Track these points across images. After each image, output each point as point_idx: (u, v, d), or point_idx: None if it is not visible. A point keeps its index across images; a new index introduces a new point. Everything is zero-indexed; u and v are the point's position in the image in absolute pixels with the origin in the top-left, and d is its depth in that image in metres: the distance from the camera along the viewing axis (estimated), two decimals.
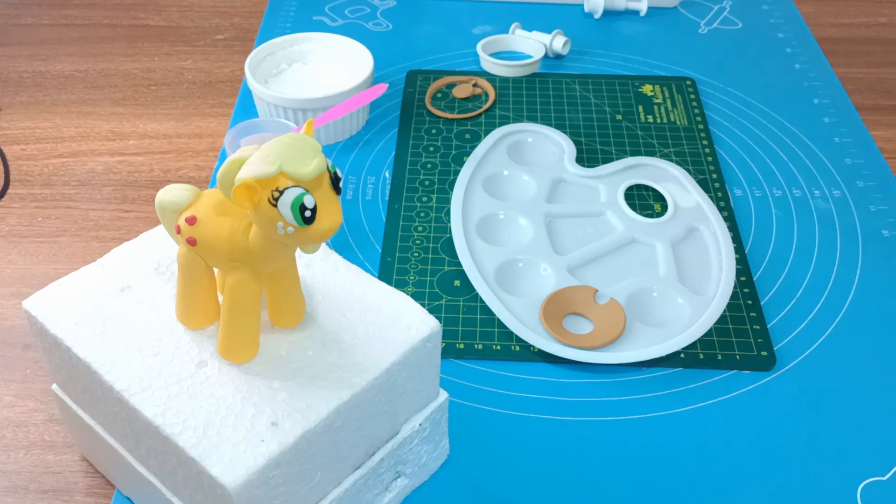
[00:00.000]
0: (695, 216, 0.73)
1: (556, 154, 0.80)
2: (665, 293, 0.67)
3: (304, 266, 0.52)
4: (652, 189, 0.76)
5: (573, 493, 0.55)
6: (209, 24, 1.01)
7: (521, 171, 0.77)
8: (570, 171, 0.78)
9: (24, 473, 0.57)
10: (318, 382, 0.46)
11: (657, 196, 0.76)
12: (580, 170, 0.78)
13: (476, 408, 0.60)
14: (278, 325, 0.49)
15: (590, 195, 0.76)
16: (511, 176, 0.77)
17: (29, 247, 0.73)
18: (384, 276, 0.69)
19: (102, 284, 0.50)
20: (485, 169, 0.78)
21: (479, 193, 0.75)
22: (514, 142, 0.81)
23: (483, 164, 0.78)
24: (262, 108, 0.82)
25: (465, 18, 1.00)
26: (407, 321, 0.49)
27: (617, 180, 0.77)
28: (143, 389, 0.45)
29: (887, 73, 0.95)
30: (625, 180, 0.77)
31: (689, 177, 0.77)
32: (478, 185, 0.76)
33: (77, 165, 0.81)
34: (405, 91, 0.89)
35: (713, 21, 1.01)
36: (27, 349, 0.64)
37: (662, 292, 0.67)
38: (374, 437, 0.50)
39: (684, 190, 0.76)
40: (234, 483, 0.41)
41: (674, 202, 0.74)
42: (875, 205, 0.76)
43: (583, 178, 0.77)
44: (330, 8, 1.02)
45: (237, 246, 0.44)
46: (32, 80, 0.91)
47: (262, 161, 0.40)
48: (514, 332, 0.64)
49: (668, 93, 0.89)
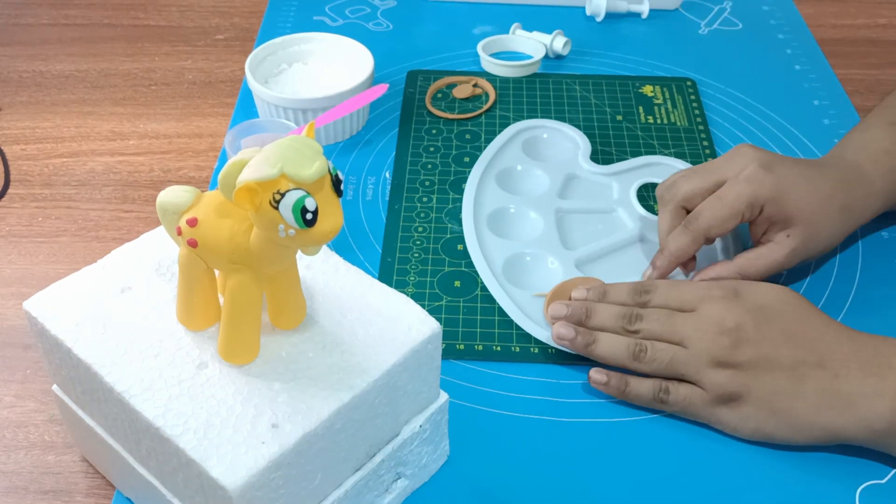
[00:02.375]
0: None
1: (571, 150, 0.80)
2: None
3: (304, 267, 0.52)
4: None
5: (573, 493, 0.55)
6: (209, 24, 1.01)
7: (535, 166, 0.78)
8: (585, 167, 0.78)
9: (25, 474, 0.57)
10: (318, 384, 0.46)
11: None
12: (594, 167, 0.78)
13: (476, 409, 0.60)
14: (279, 326, 0.49)
15: (602, 192, 0.76)
16: (524, 171, 0.78)
17: (29, 247, 0.73)
18: (384, 277, 0.69)
19: (103, 285, 0.51)
20: (499, 163, 0.78)
21: (492, 187, 0.76)
22: (529, 137, 0.81)
23: (497, 159, 0.79)
24: (262, 108, 0.82)
25: (465, 19, 1.00)
26: (407, 322, 0.49)
27: (630, 178, 0.77)
28: (143, 391, 0.45)
29: (887, 74, 0.95)
30: (638, 178, 0.77)
31: None
32: (491, 179, 0.76)
33: (77, 165, 0.81)
34: (405, 91, 0.89)
35: (713, 22, 1.01)
36: (27, 349, 0.64)
37: None
38: (375, 439, 0.50)
39: None
40: (235, 485, 0.42)
41: None
42: None
43: (596, 175, 0.77)
44: (330, 8, 1.02)
45: (238, 248, 0.44)
46: (32, 80, 0.91)
47: (264, 163, 0.40)
48: (514, 328, 0.65)
49: (668, 93, 0.89)
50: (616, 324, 0.60)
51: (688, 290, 0.60)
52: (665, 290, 0.61)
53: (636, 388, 0.59)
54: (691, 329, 0.58)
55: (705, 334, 0.57)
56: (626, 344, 0.59)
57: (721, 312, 0.58)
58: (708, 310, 0.58)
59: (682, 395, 0.58)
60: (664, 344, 0.58)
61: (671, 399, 0.58)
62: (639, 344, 0.59)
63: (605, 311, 0.61)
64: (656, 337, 0.59)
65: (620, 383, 0.59)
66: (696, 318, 0.58)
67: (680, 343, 0.58)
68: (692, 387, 0.58)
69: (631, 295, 0.62)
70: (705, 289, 0.60)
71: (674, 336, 0.58)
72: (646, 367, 0.58)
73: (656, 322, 0.59)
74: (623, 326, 0.60)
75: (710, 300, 0.59)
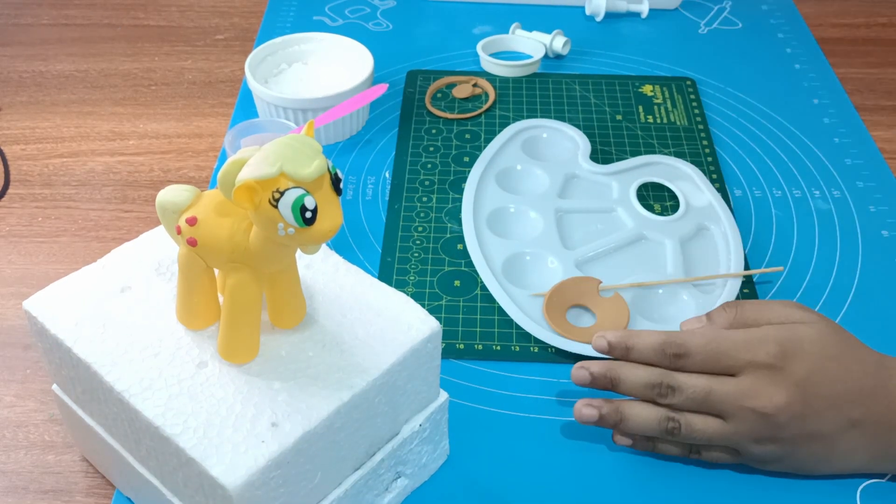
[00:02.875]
0: (706, 215, 0.73)
1: (571, 150, 0.80)
2: (671, 290, 0.67)
3: (304, 267, 0.52)
4: (666, 187, 0.76)
5: (573, 493, 0.55)
6: (209, 24, 1.01)
7: (535, 165, 0.78)
8: (584, 167, 0.78)
9: (25, 474, 0.57)
10: (318, 383, 0.46)
11: (671, 195, 0.76)
12: (594, 166, 0.78)
13: (476, 408, 0.60)
14: (279, 325, 0.49)
15: (602, 191, 0.76)
16: (524, 170, 0.78)
17: (29, 247, 0.73)
18: (384, 277, 0.69)
19: (103, 285, 0.51)
20: (499, 163, 0.78)
21: (492, 186, 0.76)
22: (529, 137, 0.81)
23: (497, 158, 0.79)
24: (262, 108, 0.82)
25: (465, 18, 1.00)
26: (407, 322, 0.49)
27: (630, 178, 0.77)
28: (143, 390, 0.45)
29: (887, 73, 0.95)
30: (638, 178, 0.77)
31: (703, 176, 0.77)
32: (490, 179, 0.76)
33: (77, 165, 0.81)
34: (405, 91, 0.89)
35: (713, 21, 1.01)
36: (27, 349, 0.64)
37: (668, 289, 0.67)
38: (375, 438, 0.50)
39: (697, 189, 0.76)
40: (235, 484, 0.42)
41: (686, 201, 0.74)
42: (875, 205, 0.76)
43: (596, 175, 0.77)
44: (330, 8, 1.02)
45: (237, 247, 0.44)
46: (32, 80, 0.91)
47: (263, 162, 0.40)
48: (514, 328, 0.65)
49: (668, 93, 0.89)
50: (645, 393, 0.55)
51: (727, 351, 0.53)
52: (701, 352, 0.54)
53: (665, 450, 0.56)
54: (732, 407, 0.53)
55: (750, 414, 0.52)
56: (658, 420, 0.54)
57: (767, 390, 0.52)
58: (752, 385, 0.52)
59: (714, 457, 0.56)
60: (700, 418, 0.54)
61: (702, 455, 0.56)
62: (672, 420, 0.54)
63: (631, 375, 0.55)
64: (693, 410, 0.54)
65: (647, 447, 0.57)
66: (738, 395, 0.53)
67: (720, 416, 0.54)
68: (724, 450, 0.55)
69: (659, 355, 0.55)
70: (748, 350, 0.53)
71: (712, 410, 0.54)
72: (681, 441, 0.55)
73: (692, 401, 0.53)
74: (653, 396, 0.54)
75: (754, 370, 0.53)
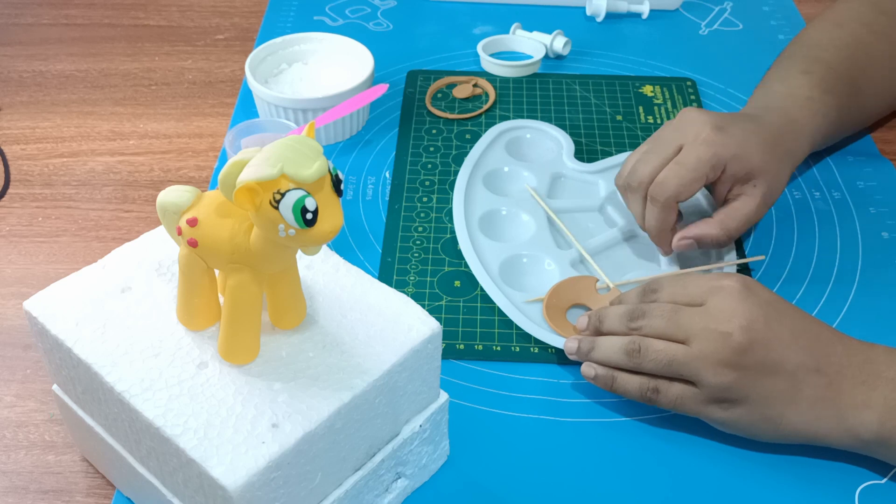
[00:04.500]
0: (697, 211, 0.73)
1: (555, 150, 0.80)
2: None
3: (304, 267, 0.52)
4: None
5: (573, 494, 0.55)
6: (209, 24, 1.01)
7: (521, 167, 0.78)
8: (570, 166, 0.78)
9: (25, 474, 0.57)
10: (318, 384, 0.46)
11: None
12: (579, 165, 0.78)
13: (476, 409, 0.60)
14: (279, 326, 0.49)
15: (590, 190, 0.76)
16: (511, 172, 0.77)
17: (29, 247, 0.73)
18: (384, 277, 0.69)
19: (103, 285, 0.51)
20: (484, 166, 0.78)
21: (480, 190, 0.75)
22: (512, 138, 0.81)
23: (483, 161, 0.78)
24: (262, 108, 0.82)
25: (465, 18, 1.00)
26: (407, 322, 0.49)
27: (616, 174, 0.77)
28: (143, 391, 0.45)
29: None
30: None
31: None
32: (478, 182, 0.76)
33: (77, 165, 0.81)
34: (405, 91, 0.89)
35: (714, 22, 1.01)
36: (27, 349, 0.64)
37: None
38: (375, 439, 0.50)
39: None
40: (235, 484, 0.42)
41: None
42: (875, 206, 0.76)
43: (582, 174, 0.77)
44: (330, 8, 1.02)
45: (238, 247, 0.44)
46: (32, 79, 0.91)
47: (264, 163, 0.40)
48: (514, 329, 0.65)
49: (668, 93, 0.89)
50: (621, 325, 0.58)
51: (696, 282, 0.57)
52: (671, 284, 0.58)
53: (623, 384, 0.57)
54: (698, 326, 0.55)
55: (713, 333, 0.54)
56: (621, 344, 0.57)
57: (733, 306, 0.55)
58: (718, 304, 0.55)
59: (673, 396, 0.56)
60: (662, 343, 0.56)
61: (661, 399, 0.56)
62: (632, 341, 0.56)
63: (613, 313, 0.59)
64: (660, 334, 0.56)
65: (608, 378, 0.58)
66: (704, 313, 0.55)
67: (685, 340, 0.55)
68: (685, 387, 0.56)
69: (639, 295, 0.60)
70: (715, 279, 0.57)
71: (678, 333, 0.55)
72: (643, 367, 0.56)
73: (659, 318, 0.56)
74: (627, 325, 0.58)
75: (720, 292, 0.55)
